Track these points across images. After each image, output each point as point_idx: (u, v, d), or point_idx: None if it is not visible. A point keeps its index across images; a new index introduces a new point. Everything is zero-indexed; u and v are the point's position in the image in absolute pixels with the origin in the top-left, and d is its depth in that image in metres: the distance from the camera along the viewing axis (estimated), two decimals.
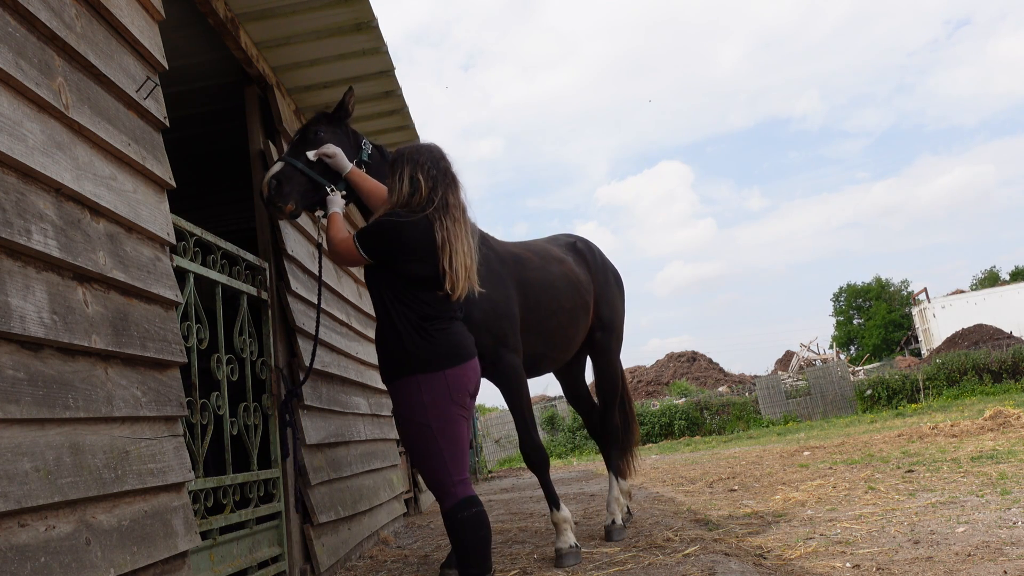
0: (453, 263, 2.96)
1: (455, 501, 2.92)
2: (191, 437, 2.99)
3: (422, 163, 3.09)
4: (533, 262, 4.51)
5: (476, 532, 2.90)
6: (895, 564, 3.51)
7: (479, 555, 2.91)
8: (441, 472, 2.94)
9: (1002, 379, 19.05)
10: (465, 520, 2.90)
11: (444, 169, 3.11)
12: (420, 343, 2.96)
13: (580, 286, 4.78)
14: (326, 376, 4.71)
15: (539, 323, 4.39)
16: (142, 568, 2.12)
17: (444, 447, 2.93)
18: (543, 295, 4.43)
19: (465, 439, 2.99)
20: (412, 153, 3.15)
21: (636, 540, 4.46)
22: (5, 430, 1.72)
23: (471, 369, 3.03)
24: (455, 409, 2.95)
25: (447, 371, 2.94)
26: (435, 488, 2.98)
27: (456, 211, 3.05)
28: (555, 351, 4.66)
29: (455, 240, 2.98)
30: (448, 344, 2.97)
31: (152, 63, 2.75)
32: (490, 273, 4.06)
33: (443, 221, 3.00)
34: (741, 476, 8.23)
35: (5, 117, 1.89)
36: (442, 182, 3.07)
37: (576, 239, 5.26)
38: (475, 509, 2.92)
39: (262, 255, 4.22)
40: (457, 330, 3.05)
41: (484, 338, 3.89)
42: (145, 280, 2.43)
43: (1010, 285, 38.23)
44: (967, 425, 9.89)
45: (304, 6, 4.07)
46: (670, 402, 22.57)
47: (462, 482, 2.95)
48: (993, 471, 6.01)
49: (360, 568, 4.58)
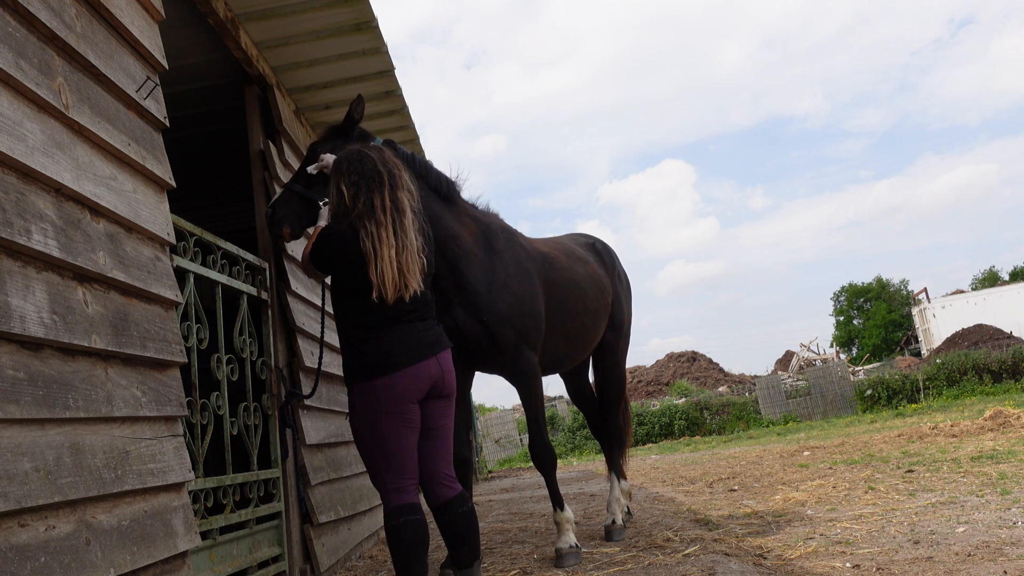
0: (379, 269, 2.87)
1: (388, 508, 2.91)
2: (191, 437, 2.99)
3: (343, 171, 3.03)
4: (561, 261, 4.51)
5: (400, 542, 2.86)
6: (895, 564, 3.51)
7: (402, 565, 2.86)
8: (376, 479, 2.97)
9: (1002, 379, 19.05)
10: (399, 527, 2.87)
11: (369, 171, 3.00)
12: (351, 353, 2.97)
13: (603, 287, 4.81)
14: (326, 376, 4.71)
15: (563, 323, 4.39)
16: (142, 568, 2.12)
17: (377, 455, 2.93)
18: (569, 295, 4.43)
19: (404, 447, 2.93)
20: (337, 162, 3.10)
21: (636, 540, 4.46)
22: (5, 430, 1.72)
23: (407, 376, 2.91)
24: (389, 419, 2.89)
25: (376, 380, 2.89)
26: (379, 492, 3.01)
27: (382, 213, 2.93)
28: (576, 351, 4.68)
29: (380, 245, 2.89)
30: (377, 353, 2.91)
31: (152, 63, 2.75)
32: (519, 268, 4.06)
33: (367, 227, 2.91)
34: (741, 476, 8.23)
35: (5, 117, 1.89)
36: (365, 186, 2.97)
37: (595, 240, 5.29)
38: (405, 518, 2.87)
39: (262, 255, 4.22)
40: (394, 337, 2.93)
41: (507, 332, 3.89)
42: (145, 280, 2.43)
43: (1010, 285, 38.20)
44: (967, 425, 9.89)
45: (304, 6, 4.07)
46: (670, 402, 22.57)
47: (398, 490, 2.91)
48: (993, 471, 6.01)
49: (360, 568, 4.58)
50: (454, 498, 3.09)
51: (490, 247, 3.96)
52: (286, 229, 3.62)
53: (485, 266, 3.91)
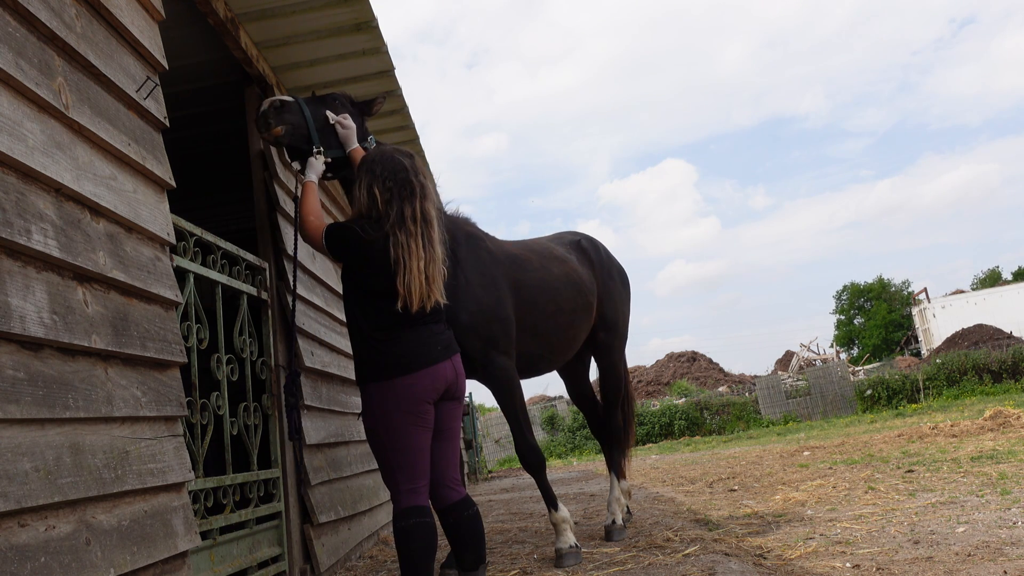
0: (406, 280, 2.92)
1: (399, 509, 2.92)
2: (191, 437, 2.99)
3: (378, 175, 3.06)
4: (532, 263, 4.46)
5: (409, 544, 2.86)
6: (895, 564, 3.51)
7: (420, 566, 2.86)
8: (389, 479, 2.97)
9: (1002, 379, 19.05)
10: (407, 529, 2.87)
11: (402, 180, 3.04)
12: (370, 352, 2.99)
13: (582, 286, 4.73)
14: (326, 376, 4.71)
15: (536, 325, 4.34)
16: (142, 568, 2.12)
17: (391, 455, 2.94)
18: (541, 296, 4.38)
19: (419, 448, 2.95)
20: (371, 163, 3.13)
21: (636, 540, 4.46)
22: (5, 430, 1.72)
23: (426, 377, 2.96)
24: (406, 419, 2.91)
25: (395, 380, 2.92)
26: (390, 492, 3.01)
27: (412, 223, 2.98)
28: (553, 353, 4.63)
29: (408, 256, 2.93)
30: (398, 353, 2.94)
31: (152, 63, 2.75)
32: (483, 275, 4.04)
33: (397, 236, 2.96)
34: (741, 476, 8.23)
35: (5, 117, 1.89)
36: (398, 194, 3.01)
37: (581, 237, 5.21)
38: (416, 520, 2.88)
39: (262, 255, 4.22)
40: (413, 338, 2.98)
41: (473, 341, 3.87)
42: (145, 280, 2.43)
43: (1010, 285, 38.19)
44: (967, 425, 9.89)
45: (304, 6, 4.06)
46: (670, 402, 22.58)
47: (411, 491, 2.93)
48: (993, 471, 6.01)
49: (360, 568, 4.58)
50: (459, 501, 3.10)
51: (453, 257, 3.86)
52: (279, 130, 3.48)
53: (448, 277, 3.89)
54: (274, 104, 3.53)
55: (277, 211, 4.35)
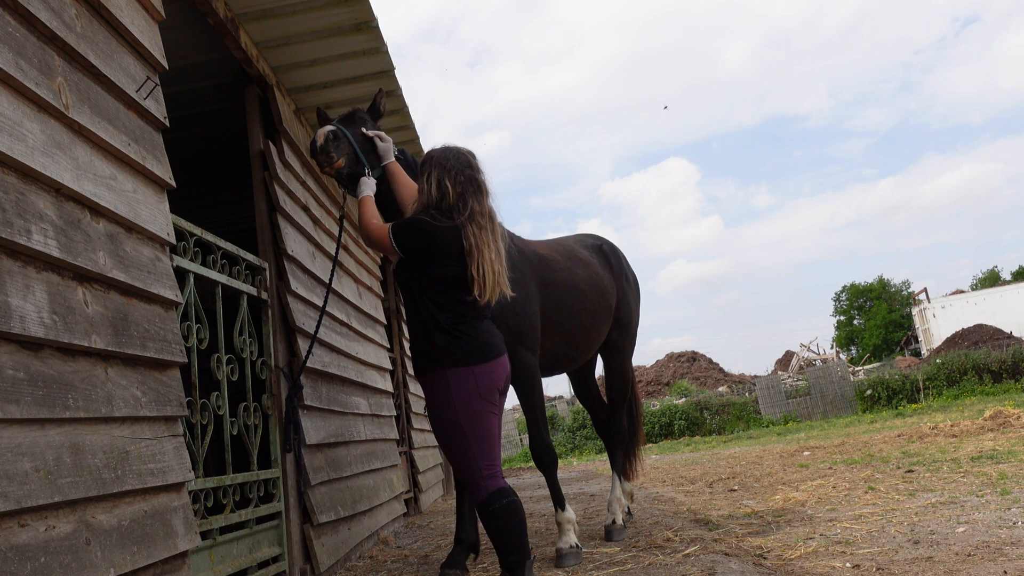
0: (481, 269, 3.07)
1: (485, 494, 3.03)
2: (191, 437, 2.99)
3: (450, 169, 3.21)
4: (558, 263, 4.56)
5: (508, 521, 3.00)
6: (895, 564, 3.51)
7: (515, 543, 3.00)
8: (471, 467, 3.07)
9: (1002, 379, 19.06)
10: (497, 511, 3.00)
11: (470, 177, 3.21)
12: (449, 340, 3.08)
13: (604, 289, 4.84)
14: (326, 376, 4.70)
15: (561, 323, 4.44)
16: (142, 568, 2.12)
17: (472, 443, 3.05)
18: (567, 296, 4.48)
19: (495, 433, 3.11)
20: (441, 158, 3.26)
21: (636, 540, 4.46)
22: (5, 430, 1.72)
23: (500, 366, 3.13)
24: (484, 405, 3.06)
25: (475, 368, 3.06)
26: (467, 481, 3.10)
27: (482, 219, 3.15)
28: (576, 351, 4.72)
29: (483, 246, 3.10)
30: (476, 342, 3.09)
31: (152, 63, 2.75)
32: (512, 271, 4.09)
33: (470, 228, 3.11)
34: (741, 476, 8.22)
35: (5, 117, 1.89)
36: (469, 190, 3.18)
37: (603, 241, 5.31)
38: (506, 500, 3.02)
39: (262, 255, 4.22)
40: (486, 328, 3.17)
41: (502, 333, 3.92)
42: (145, 280, 2.43)
43: (1010, 285, 38.22)
44: (967, 425, 9.90)
45: (304, 6, 4.07)
46: (670, 402, 22.59)
47: (492, 475, 3.06)
48: (993, 471, 6.01)
49: (360, 568, 4.58)
50: (496, 491, 3.12)
51: None
52: (340, 162, 3.55)
53: None
54: (328, 137, 3.56)
55: (277, 211, 4.35)
